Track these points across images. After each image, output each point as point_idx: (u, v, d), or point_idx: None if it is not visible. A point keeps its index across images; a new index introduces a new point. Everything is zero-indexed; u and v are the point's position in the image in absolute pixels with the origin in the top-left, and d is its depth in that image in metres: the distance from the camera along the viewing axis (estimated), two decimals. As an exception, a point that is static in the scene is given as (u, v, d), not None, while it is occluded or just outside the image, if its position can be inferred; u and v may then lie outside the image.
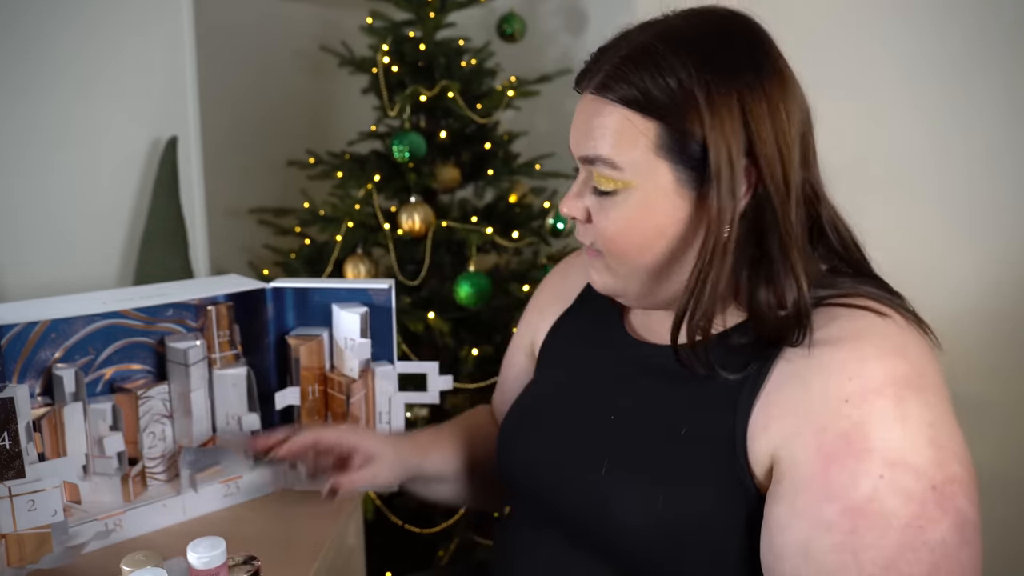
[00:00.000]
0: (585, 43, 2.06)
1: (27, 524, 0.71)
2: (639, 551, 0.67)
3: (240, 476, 0.96)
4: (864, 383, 0.59)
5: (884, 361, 0.59)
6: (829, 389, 0.60)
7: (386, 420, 0.99)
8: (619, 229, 0.68)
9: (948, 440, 0.58)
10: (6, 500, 0.70)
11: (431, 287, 1.70)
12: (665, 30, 0.66)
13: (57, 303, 0.86)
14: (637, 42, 0.66)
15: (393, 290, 0.98)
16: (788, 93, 0.65)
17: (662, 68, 0.63)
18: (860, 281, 0.68)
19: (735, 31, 0.66)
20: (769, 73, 0.64)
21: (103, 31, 1.53)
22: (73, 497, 0.86)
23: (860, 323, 0.62)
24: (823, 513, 0.57)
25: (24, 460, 0.70)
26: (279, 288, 0.96)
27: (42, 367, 0.85)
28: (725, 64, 0.63)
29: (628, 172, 0.65)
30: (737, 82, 0.62)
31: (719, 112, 0.61)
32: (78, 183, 1.54)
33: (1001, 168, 1.49)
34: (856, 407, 0.58)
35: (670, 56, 0.63)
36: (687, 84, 0.62)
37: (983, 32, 1.47)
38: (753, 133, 0.62)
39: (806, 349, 0.62)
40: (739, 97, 0.62)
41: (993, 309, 1.52)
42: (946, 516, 0.56)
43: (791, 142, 0.63)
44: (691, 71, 0.62)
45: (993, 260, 1.51)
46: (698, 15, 0.67)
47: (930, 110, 1.55)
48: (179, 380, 0.94)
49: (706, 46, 0.63)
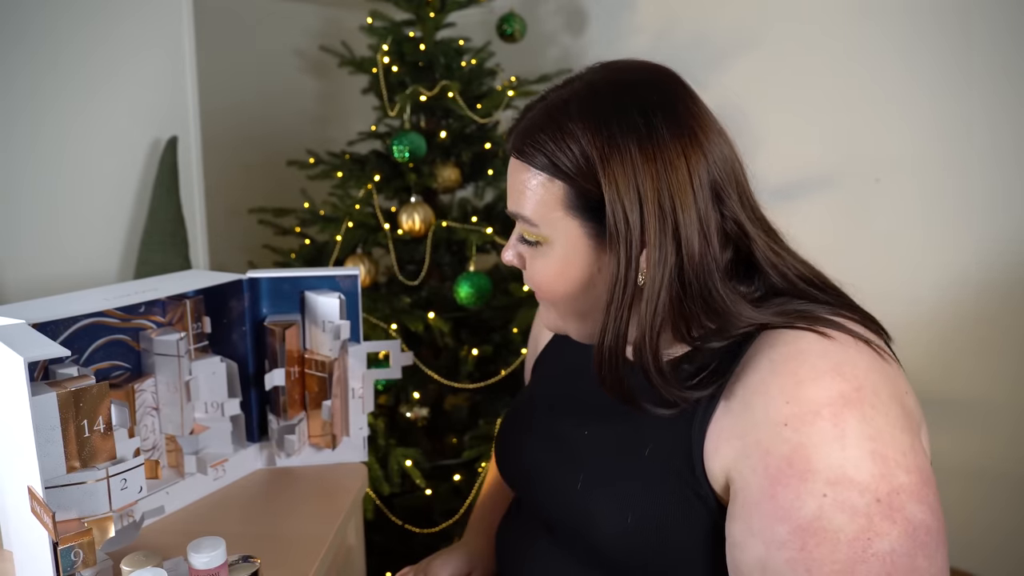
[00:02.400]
0: (585, 43, 2.07)
1: (121, 503, 0.75)
2: (624, 559, 0.71)
3: (226, 459, 1.01)
4: (801, 406, 0.61)
5: (819, 382, 0.62)
6: (769, 413, 0.62)
7: (359, 395, 1.06)
8: (543, 278, 0.74)
9: (891, 450, 0.60)
10: (103, 482, 0.73)
11: (431, 287, 1.70)
12: (573, 93, 0.71)
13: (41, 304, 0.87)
14: (548, 106, 0.72)
15: (359, 277, 1.05)
16: (691, 144, 0.68)
17: (564, 134, 0.69)
18: (804, 302, 0.70)
19: (638, 89, 0.70)
20: (666, 128, 0.67)
21: (103, 31, 1.53)
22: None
23: (798, 344, 0.64)
24: (775, 533, 0.60)
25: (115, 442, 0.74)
26: (254, 279, 1.02)
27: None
28: (620, 127, 0.67)
29: (544, 228, 0.72)
30: (629, 143, 0.66)
31: (612, 173, 0.66)
32: (78, 183, 1.55)
33: (1004, 166, 1.49)
34: (795, 430, 0.61)
35: (570, 123, 0.69)
36: (585, 149, 0.68)
37: (985, 30, 1.47)
38: (642, 190, 0.66)
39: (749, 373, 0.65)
40: (632, 157, 0.66)
41: (994, 309, 1.53)
42: (894, 526, 0.58)
43: (684, 193, 0.66)
44: (589, 136, 0.67)
45: (995, 258, 1.51)
46: (610, 72, 0.72)
47: (931, 107, 1.55)
48: (167, 372, 0.96)
49: (605, 109, 0.68)
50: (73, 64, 1.51)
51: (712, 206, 0.68)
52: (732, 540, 0.64)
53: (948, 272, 1.56)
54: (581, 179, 0.68)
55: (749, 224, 0.71)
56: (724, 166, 0.70)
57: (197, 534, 0.73)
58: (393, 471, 1.49)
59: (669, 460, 0.69)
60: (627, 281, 0.67)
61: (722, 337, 0.69)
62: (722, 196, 0.69)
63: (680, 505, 0.68)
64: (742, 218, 0.70)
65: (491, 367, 1.62)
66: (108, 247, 1.61)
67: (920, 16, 1.53)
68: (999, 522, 1.54)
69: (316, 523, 0.91)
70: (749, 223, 0.71)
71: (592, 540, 0.73)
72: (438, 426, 1.70)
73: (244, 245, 1.96)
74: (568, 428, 0.80)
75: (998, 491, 1.54)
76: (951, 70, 1.51)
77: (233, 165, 1.96)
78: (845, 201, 1.63)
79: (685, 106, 0.70)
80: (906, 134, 1.58)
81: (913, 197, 1.58)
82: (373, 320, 1.56)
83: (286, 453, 1.05)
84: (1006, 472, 1.54)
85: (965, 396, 1.53)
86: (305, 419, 1.05)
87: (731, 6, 1.77)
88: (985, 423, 1.54)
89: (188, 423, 0.97)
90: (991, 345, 1.53)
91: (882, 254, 1.62)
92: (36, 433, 0.68)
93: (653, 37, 1.95)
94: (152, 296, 0.91)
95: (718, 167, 0.69)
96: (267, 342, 1.03)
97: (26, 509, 0.73)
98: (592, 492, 0.73)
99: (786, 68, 1.70)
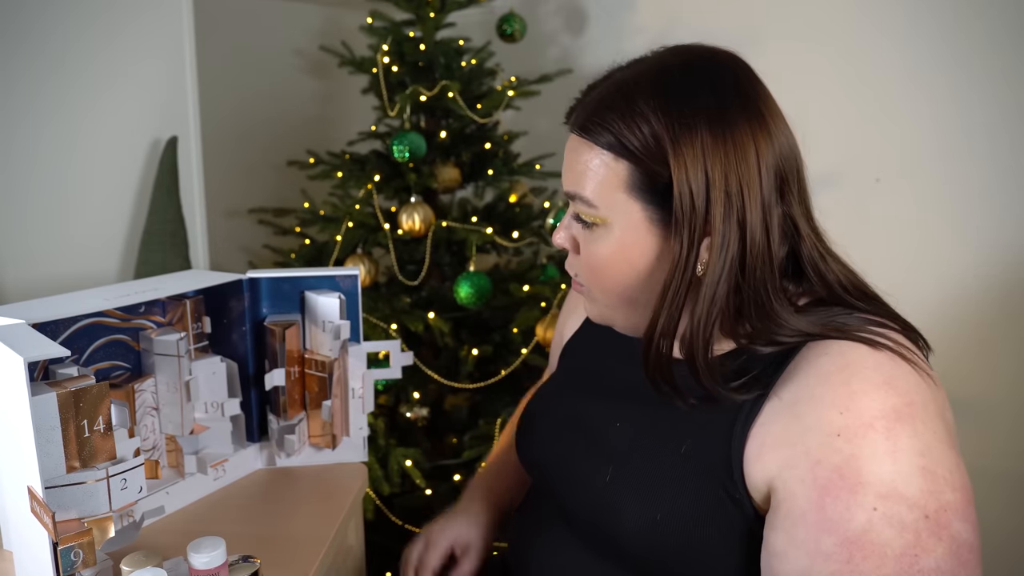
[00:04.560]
0: (585, 43, 2.07)
1: (121, 503, 0.75)
2: (644, 555, 0.70)
3: (226, 459, 1.01)
4: (854, 417, 0.60)
5: (873, 394, 0.61)
6: (821, 423, 0.61)
7: (359, 395, 1.06)
8: (598, 262, 0.72)
9: (940, 467, 0.59)
10: (103, 482, 0.73)
11: (431, 287, 1.70)
12: (643, 73, 0.69)
13: (41, 304, 0.87)
14: (616, 84, 0.70)
15: (359, 277, 1.05)
16: (760, 130, 0.66)
17: (634, 114, 0.67)
18: (854, 311, 0.69)
19: (710, 72, 0.68)
20: (738, 113, 0.66)
21: (103, 31, 1.53)
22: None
23: (850, 356, 0.63)
24: (821, 544, 0.59)
25: (115, 442, 0.74)
26: (254, 279, 1.02)
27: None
28: (692, 108, 0.65)
29: (603, 210, 0.70)
30: (700, 125, 0.65)
31: (682, 155, 0.65)
32: (78, 183, 1.54)
33: (1004, 165, 1.49)
34: (848, 441, 0.60)
35: (641, 102, 0.67)
36: (656, 129, 0.66)
37: (985, 30, 1.47)
38: (711, 174, 0.65)
39: (799, 383, 0.64)
40: (702, 140, 0.65)
41: (995, 309, 1.53)
42: (940, 543, 0.58)
43: (752, 181, 0.65)
44: (660, 116, 0.66)
45: (995, 259, 1.51)
46: (678, 55, 0.70)
47: (931, 107, 1.55)
48: (167, 372, 0.96)
49: (677, 90, 0.67)
50: (73, 64, 1.51)
51: (775, 198, 0.67)
52: (772, 550, 0.63)
53: (948, 272, 1.56)
54: (649, 160, 0.66)
55: (803, 221, 0.70)
56: (789, 156, 0.69)
57: (197, 534, 0.73)
58: (393, 471, 1.49)
59: (706, 460, 0.68)
60: (687, 267, 0.66)
61: (768, 341, 0.68)
62: (783, 189, 0.68)
63: (712, 507, 0.66)
64: (797, 214, 0.69)
65: (491, 367, 1.62)
66: (108, 247, 1.61)
67: (920, 16, 1.53)
68: (999, 522, 1.54)
69: (316, 523, 0.91)
70: (803, 220, 0.70)
71: (613, 534, 0.72)
72: (438, 426, 1.70)
73: (244, 245, 1.96)
74: (598, 419, 0.79)
75: (998, 491, 1.54)
76: (951, 70, 1.51)
77: (233, 165, 1.96)
78: (845, 201, 1.63)
79: (755, 90, 0.69)
80: (906, 134, 1.58)
81: (913, 197, 1.58)
82: (373, 320, 1.56)
83: (286, 453, 1.05)
84: (1006, 471, 1.54)
85: (965, 396, 1.53)
86: (305, 419, 1.05)
87: (731, 6, 1.77)
88: (986, 423, 1.54)
89: (188, 423, 0.97)
90: (992, 345, 1.53)
91: (882, 254, 1.62)
92: (36, 433, 0.68)
93: (653, 37, 1.94)
94: (152, 296, 0.91)
95: (783, 156, 0.68)
96: (267, 342, 1.03)
97: (26, 509, 0.73)
98: (620, 486, 0.72)
99: (786, 68, 1.70)
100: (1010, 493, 1.54)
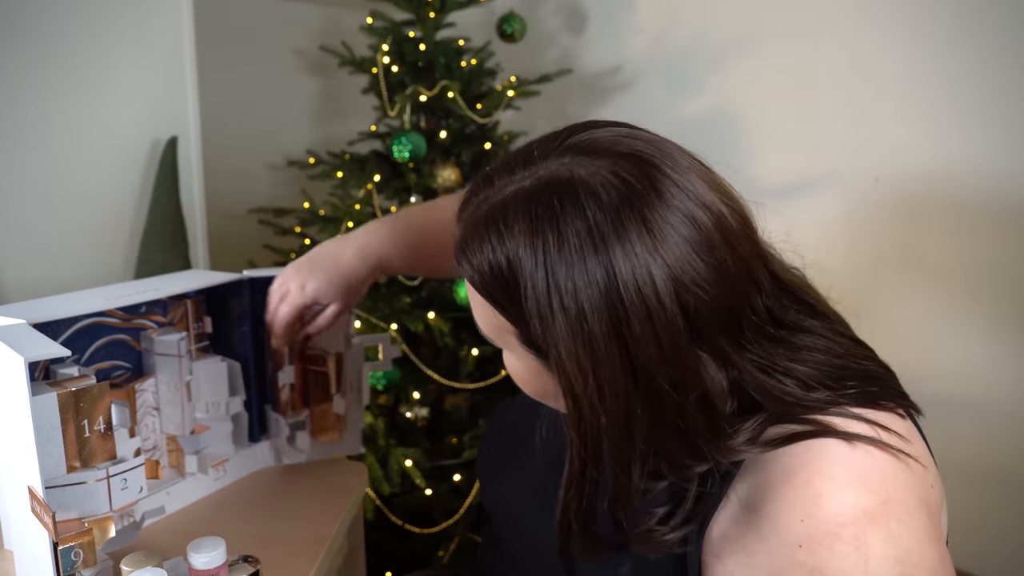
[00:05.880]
0: (585, 43, 2.07)
1: (121, 503, 0.75)
2: None
3: (227, 460, 1.01)
4: (818, 525, 0.52)
5: (839, 496, 0.53)
6: (780, 531, 0.54)
7: (356, 388, 1.08)
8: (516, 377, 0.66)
9: (919, 571, 0.52)
10: (103, 482, 0.73)
11: (431, 287, 1.70)
12: (503, 202, 0.57)
13: (41, 304, 0.87)
14: (484, 209, 0.58)
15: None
16: (619, 290, 0.53)
17: (494, 260, 0.56)
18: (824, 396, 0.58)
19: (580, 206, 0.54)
20: (616, 267, 0.53)
21: (103, 31, 1.53)
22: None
23: (816, 449, 0.55)
24: None
25: (116, 442, 0.74)
26: (255, 278, 1.02)
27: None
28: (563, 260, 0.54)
29: (500, 343, 0.63)
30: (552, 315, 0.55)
31: (555, 343, 0.55)
32: (78, 183, 1.54)
33: (1004, 165, 1.49)
34: (811, 553, 0.52)
35: (501, 246, 0.56)
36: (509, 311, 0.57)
37: (986, 30, 1.47)
38: (594, 365, 0.54)
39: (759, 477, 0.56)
40: (583, 320, 0.54)
41: (994, 309, 1.53)
42: None
43: (616, 383, 0.54)
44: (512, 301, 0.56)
45: (995, 258, 1.51)
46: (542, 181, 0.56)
47: (931, 107, 1.55)
48: (168, 372, 0.96)
49: (539, 238, 0.54)
50: (73, 64, 1.51)
51: (673, 352, 0.54)
52: None
53: (948, 271, 1.56)
54: (519, 324, 0.57)
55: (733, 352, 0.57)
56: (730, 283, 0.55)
57: (197, 534, 0.73)
58: (393, 471, 1.49)
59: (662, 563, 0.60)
60: (590, 453, 0.56)
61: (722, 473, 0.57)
62: (693, 325, 0.54)
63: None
64: (722, 349, 0.56)
65: (491, 367, 1.63)
66: (108, 247, 1.61)
67: (920, 16, 1.53)
68: (999, 522, 1.54)
69: (316, 523, 0.91)
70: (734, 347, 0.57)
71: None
72: (438, 426, 1.70)
73: (244, 245, 1.96)
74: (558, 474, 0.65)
75: (998, 490, 1.54)
76: (951, 69, 1.51)
77: (233, 165, 1.96)
78: (845, 201, 1.63)
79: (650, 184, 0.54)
80: (906, 134, 1.58)
81: (913, 196, 1.58)
82: (373, 320, 1.56)
83: (287, 452, 1.05)
84: (1006, 471, 1.53)
85: (965, 396, 1.53)
86: (307, 417, 1.06)
87: (731, 6, 1.77)
88: (986, 423, 1.54)
89: (189, 423, 0.98)
90: (992, 344, 1.53)
91: (882, 253, 1.62)
92: (36, 433, 0.68)
93: (653, 37, 1.95)
94: (153, 296, 0.91)
95: (682, 286, 0.53)
96: (268, 342, 1.03)
97: (26, 509, 0.73)
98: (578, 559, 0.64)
99: (786, 68, 1.70)
100: (1011, 493, 1.54)
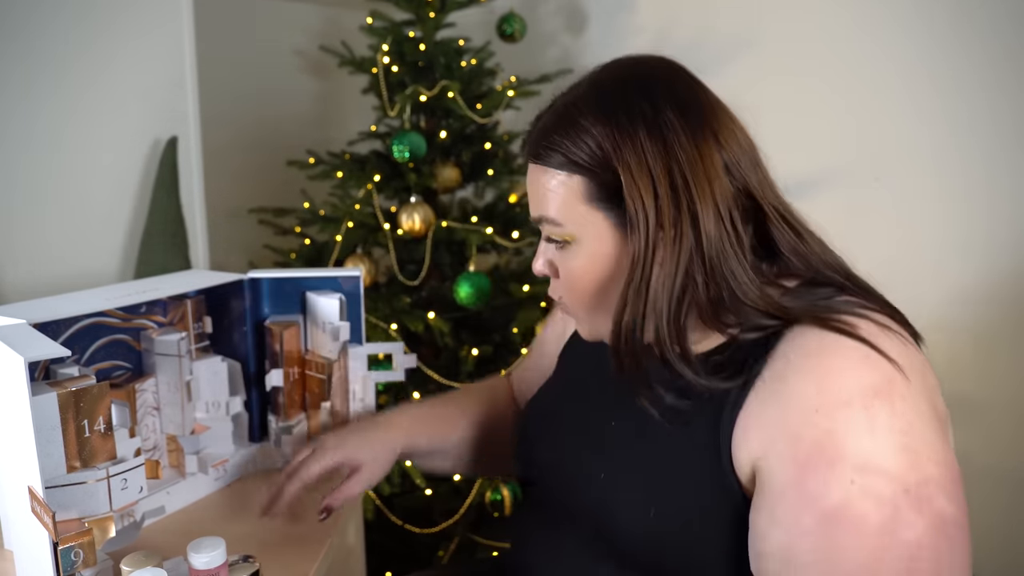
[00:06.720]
0: (585, 43, 2.07)
1: (121, 503, 0.75)
2: (641, 550, 0.70)
3: (227, 460, 1.01)
4: (832, 395, 0.61)
5: (850, 372, 0.62)
6: (800, 399, 0.62)
7: (359, 397, 1.06)
8: (576, 277, 0.75)
9: (921, 443, 0.60)
10: (103, 482, 0.73)
11: (431, 287, 1.70)
12: (580, 94, 0.74)
13: (41, 305, 0.87)
14: (558, 108, 0.75)
15: (361, 278, 1.06)
16: (698, 124, 0.70)
17: (577, 130, 0.71)
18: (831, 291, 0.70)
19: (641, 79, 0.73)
20: (672, 111, 0.70)
21: (103, 31, 1.53)
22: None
23: (829, 337, 0.64)
24: (800, 520, 0.60)
25: (116, 442, 0.75)
26: (255, 279, 1.02)
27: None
28: (628, 115, 0.70)
29: (570, 226, 0.73)
30: (638, 128, 0.69)
31: (625, 159, 0.69)
32: (78, 183, 1.54)
33: (1005, 165, 1.49)
34: (826, 416, 0.61)
35: (582, 118, 0.71)
36: (598, 140, 0.70)
37: (986, 30, 1.47)
38: (654, 172, 0.68)
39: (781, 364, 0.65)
40: (641, 142, 0.69)
41: (994, 308, 1.53)
42: (921, 517, 0.58)
43: (696, 172, 0.68)
44: (600, 128, 0.70)
45: (995, 257, 1.51)
46: (610, 71, 0.75)
47: (931, 107, 1.55)
48: (168, 372, 0.96)
49: (612, 102, 0.71)
50: (73, 64, 1.51)
51: (728, 184, 0.70)
52: (755, 531, 0.63)
53: (948, 271, 1.56)
54: (598, 169, 0.70)
55: (767, 202, 0.72)
56: (735, 146, 0.71)
57: (197, 534, 0.73)
58: (393, 471, 1.49)
59: (697, 452, 0.68)
60: (645, 262, 0.68)
61: (752, 327, 0.69)
62: (734, 173, 0.71)
63: (705, 499, 0.67)
64: (759, 195, 0.72)
65: (491, 367, 1.62)
66: (108, 247, 1.61)
67: (919, 15, 1.53)
68: (999, 522, 1.54)
69: (316, 523, 0.91)
70: (768, 200, 0.72)
71: (610, 532, 0.72)
72: (438, 426, 1.70)
73: (244, 245, 1.96)
74: (595, 418, 0.80)
75: (999, 491, 1.54)
76: (951, 69, 1.51)
77: (233, 165, 1.96)
78: (845, 200, 1.63)
79: (687, 88, 0.72)
80: (906, 133, 1.58)
81: (913, 196, 1.58)
82: (373, 320, 1.56)
83: (284, 454, 1.04)
84: (1006, 471, 1.54)
85: (965, 396, 1.53)
86: (305, 420, 1.05)
87: (731, 6, 1.77)
88: (986, 423, 1.54)
89: (189, 423, 0.98)
90: (993, 344, 1.53)
91: (882, 253, 1.62)
92: (36, 433, 0.69)
93: (653, 37, 1.95)
94: (153, 296, 0.91)
95: (730, 146, 0.71)
96: (268, 343, 1.03)
97: (26, 509, 0.73)
98: (615, 483, 0.73)
99: (786, 68, 1.70)
100: (1011, 493, 1.54)
